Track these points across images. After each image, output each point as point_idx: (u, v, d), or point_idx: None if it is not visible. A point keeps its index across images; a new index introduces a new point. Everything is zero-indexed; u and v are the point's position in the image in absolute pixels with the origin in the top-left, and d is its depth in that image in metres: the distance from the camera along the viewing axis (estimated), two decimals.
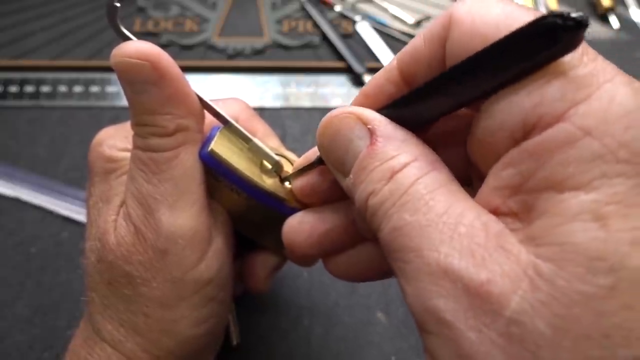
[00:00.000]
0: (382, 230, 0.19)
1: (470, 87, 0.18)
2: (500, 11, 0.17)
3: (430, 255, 0.17)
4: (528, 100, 0.16)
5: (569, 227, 0.15)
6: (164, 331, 0.25)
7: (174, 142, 0.24)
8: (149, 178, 0.24)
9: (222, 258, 0.27)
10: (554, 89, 0.16)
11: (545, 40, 0.15)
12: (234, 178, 0.26)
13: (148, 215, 0.25)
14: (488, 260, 0.16)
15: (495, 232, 0.16)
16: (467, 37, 0.18)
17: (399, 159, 0.19)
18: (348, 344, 0.38)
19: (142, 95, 0.24)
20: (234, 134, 0.26)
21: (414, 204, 0.18)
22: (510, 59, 0.16)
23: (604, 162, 0.15)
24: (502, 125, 0.17)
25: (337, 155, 0.21)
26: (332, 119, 0.21)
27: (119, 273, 0.25)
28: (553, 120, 0.16)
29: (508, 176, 0.17)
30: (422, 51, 0.20)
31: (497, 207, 0.17)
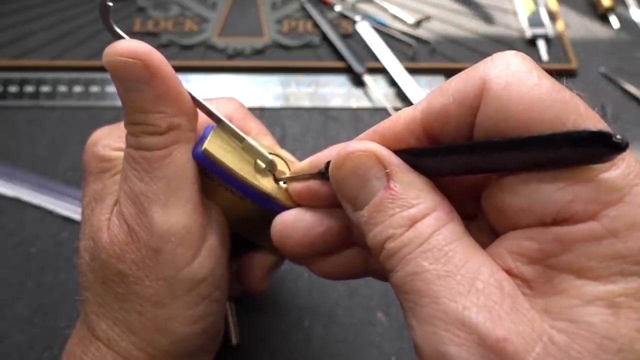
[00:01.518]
0: (396, 272, 0.20)
1: (496, 162, 0.19)
2: (536, 91, 0.18)
3: (448, 304, 0.18)
4: (561, 195, 0.18)
5: (585, 309, 0.17)
6: (158, 330, 0.25)
7: (167, 140, 0.24)
8: (142, 176, 0.24)
9: (216, 256, 0.27)
10: (587, 188, 0.17)
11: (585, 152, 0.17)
12: (227, 177, 0.26)
13: (141, 214, 0.25)
14: (504, 318, 0.17)
15: (508, 292, 0.18)
16: (500, 114, 0.18)
17: (419, 208, 0.20)
18: (348, 345, 0.38)
19: (134, 93, 0.24)
20: (227, 133, 0.26)
21: (434, 254, 0.19)
22: (546, 155, 0.18)
23: (624, 262, 0.17)
24: (530, 208, 0.18)
25: (351, 190, 0.22)
26: (350, 156, 0.21)
27: (112, 272, 0.25)
28: (586, 218, 0.17)
29: (528, 248, 0.19)
30: (451, 113, 0.20)
31: (510, 269, 0.19)
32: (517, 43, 0.55)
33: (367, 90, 0.52)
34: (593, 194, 0.17)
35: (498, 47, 0.55)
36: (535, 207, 0.18)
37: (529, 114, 0.18)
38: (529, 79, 0.18)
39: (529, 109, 0.18)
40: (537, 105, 0.18)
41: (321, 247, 0.26)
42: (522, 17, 0.57)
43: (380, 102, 0.51)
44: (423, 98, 0.21)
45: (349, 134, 0.49)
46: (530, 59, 0.19)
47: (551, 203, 0.18)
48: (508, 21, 0.58)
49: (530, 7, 0.57)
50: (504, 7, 0.59)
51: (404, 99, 0.51)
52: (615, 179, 0.17)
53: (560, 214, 0.18)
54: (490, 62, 0.19)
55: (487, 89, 0.19)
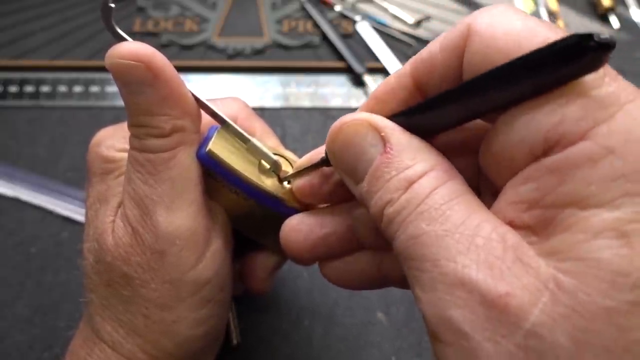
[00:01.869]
0: (397, 239, 0.19)
1: (488, 100, 0.18)
2: (522, 25, 0.17)
3: (447, 265, 0.17)
4: (550, 118, 0.16)
5: (592, 244, 0.15)
6: (163, 332, 0.25)
7: (171, 142, 0.24)
8: (146, 179, 0.24)
9: (220, 259, 0.27)
10: (576, 107, 0.16)
11: (570, 60, 0.15)
12: (232, 178, 0.26)
13: (145, 217, 0.24)
14: (506, 272, 0.16)
15: (512, 245, 0.17)
16: (487, 49, 0.18)
17: (416, 169, 0.19)
18: (348, 344, 0.38)
19: (137, 96, 0.24)
20: (231, 133, 0.26)
21: (431, 214, 0.18)
22: (533, 76, 0.16)
23: (627, 180, 0.15)
24: (521, 140, 0.17)
25: (348, 163, 0.21)
26: (343, 126, 0.21)
27: (118, 274, 0.25)
28: (575, 139, 0.16)
29: (526, 191, 0.17)
30: (437, 59, 0.20)
31: (511, 221, 0.18)
32: None
33: (367, 90, 0.52)
34: (582, 111, 0.16)
35: None
36: (525, 138, 0.17)
37: (515, 43, 0.17)
38: (514, 15, 0.18)
39: (515, 39, 0.17)
40: (523, 35, 0.17)
41: (325, 250, 0.26)
42: None
43: None
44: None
45: None
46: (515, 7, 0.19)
47: (540, 128, 0.17)
48: None
49: (530, 7, 0.58)
50: None
51: None
52: (606, 95, 0.16)
53: (548, 138, 0.16)
54: (476, 11, 0.19)
55: (472, 30, 0.18)
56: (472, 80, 0.18)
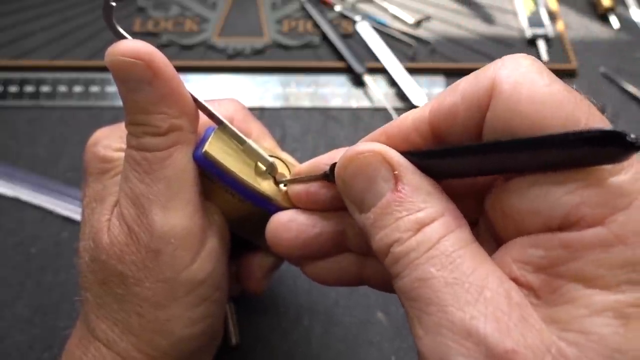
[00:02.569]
0: (402, 278, 0.19)
1: (508, 163, 0.19)
2: (547, 93, 0.18)
3: (455, 313, 0.17)
4: (570, 198, 0.17)
5: (594, 320, 0.17)
6: (158, 331, 0.25)
7: (167, 141, 0.24)
8: (142, 178, 0.24)
9: (216, 258, 0.27)
10: (596, 192, 0.17)
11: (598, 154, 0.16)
12: (227, 180, 0.26)
13: (141, 215, 0.25)
14: (512, 329, 0.17)
15: (517, 302, 0.17)
16: (510, 114, 0.18)
17: (427, 213, 0.19)
18: (348, 344, 0.38)
19: (135, 94, 0.24)
20: (228, 135, 0.26)
21: (441, 260, 0.18)
22: (557, 155, 0.17)
23: (633, 270, 0.17)
24: (536, 210, 0.18)
25: (357, 192, 0.21)
26: (357, 156, 0.21)
27: (112, 272, 0.25)
28: (593, 223, 0.17)
29: (534, 255, 0.18)
30: (459, 111, 0.20)
31: (516, 278, 0.18)
32: (517, 43, 0.55)
33: (367, 90, 0.52)
34: (601, 198, 0.17)
35: (498, 47, 0.55)
36: (541, 210, 0.18)
37: (540, 113, 0.17)
38: (540, 79, 0.18)
39: (540, 108, 0.17)
40: (548, 105, 0.17)
41: (313, 249, 0.26)
42: (522, 17, 0.57)
43: (380, 102, 0.51)
44: (432, 99, 0.21)
45: (349, 134, 0.49)
46: (539, 62, 0.19)
47: (558, 206, 0.17)
48: (508, 21, 0.58)
49: (530, 7, 0.57)
50: (504, 7, 0.59)
51: (404, 99, 0.51)
52: (624, 183, 0.17)
53: (567, 218, 0.17)
54: (500, 62, 0.19)
55: (497, 89, 0.18)
56: (496, 143, 0.18)
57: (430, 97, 0.51)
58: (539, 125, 0.17)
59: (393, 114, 0.50)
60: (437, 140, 0.21)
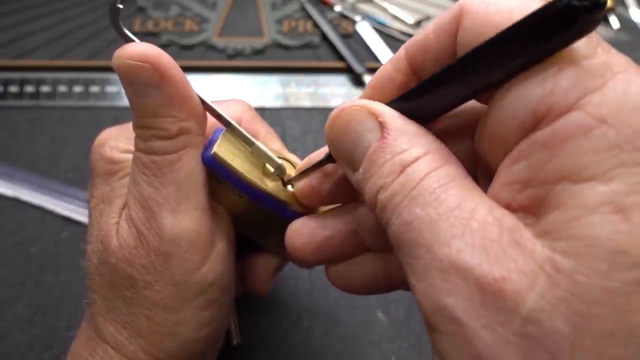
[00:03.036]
0: (391, 226, 0.18)
1: (482, 76, 0.17)
2: (516, 1, 0.17)
3: (440, 250, 0.16)
4: (539, 89, 0.16)
5: (588, 220, 0.14)
6: (166, 334, 0.25)
7: (176, 145, 0.24)
8: (151, 181, 0.24)
9: (224, 261, 0.27)
10: (566, 77, 0.15)
11: (561, 22, 0.15)
12: (236, 181, 0.26)
13: (150, 219, 0.24)
14: (502, 256, 0.15)
15: (508, 227, 0.16)
16: (480, 26, 0.17)
17: (411, 153, 0.18)
18: (348, 344, 0.38)
19: (143, 97, 0.23)
20: (236, 136, 0.26)
21: (425, 198, 0.17)
22: (524, 43, 0.16)
23: (621, 150, 0.14)
24: (512, 116, 0.16)
25: (346, 150, 0.21)
26: (341, 113, 0.21)
27: (122, 276, 0.25)
28: (565, 110, 0.15)
29: (518, 170, 0.17)
30: (431, 42, 0.20)
31: (508, 204, 0.17)
32: None
33: None
34: (571, 81, 0.15)
35: None
36: (516, 112, 0.16)
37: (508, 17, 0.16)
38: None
39: (509, 14, 0.17)
40: (517, 8, 0.17)
41: (328, 252, 0.25)
42: None
43: None
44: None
45: None
46: None
47: (529, 100, 0.16)
48: None
49: None
50: None
51: None
52: (597, 65, 0.15)
53: (537, 111, 0.16)
54: None
55: (465, 10, 0.18)
56: (464, 56, 0.17)
57: None
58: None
59: None
60: (417, 78, 0.21)
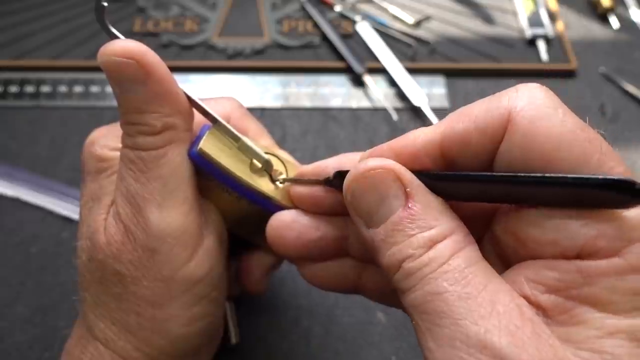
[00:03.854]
0: (414, 292, 0.19)
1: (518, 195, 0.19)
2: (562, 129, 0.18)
3: (470, 326, 0.18)
4: (586, 231, 0.18)
5: (607, 341, 0.17)
6: (156, 330, 0.26)
7: (162, 140, 0.24)
8: (138, 177, 0.24)
9: (213, 257, 0.27)
10: (612, 226, 0.18)
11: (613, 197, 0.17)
12: (223, 177, 0.26)
13: (137, 214, 0.25)
14: (527, 343, 0.17)
15: (529, 318, 0.18)
16: (525, 148, 0.19)
17: (439, 230, 0.20)
18: (347, 344, 0.38)
19: (129, 93, 0.24)
20: (223, 132, 0.26)
21: (454, 275, 0.19)
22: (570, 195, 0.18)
23: None
24: (554, 241, 0.19)
25: (367, 207, 0.21)
26: (369, 171, 0.21)
27: (110, 272, 0.25)
28: (609, 254, 0.18)
29: (548, 277, 0.19)
30: (473, 139, 0.20)
31: (527, 297, 0.19)
32: (517, 43, 0.55)
33: (367, 90, 0.52)
34: (617, 231, 0.18)
35: (498, 47, 0.55)
36: (559, 241, 0.18)
37: (554, 150, 0.18)
38: (555, 115, 0.19)
39: (555, 146, 0.18)
40: (563, 143, 0.18)
41: (313, 251, 0.26)
42: (522, 17, 0.57)
43: (380, 102, 0.51)
44: (442, 121, 0.21)
45: (349, 134, 0.49)
46: (552, 93, 0.19)
47: (575, 238, 0.18)
48: (508, 21, 0.58)
49: (530, 7, 0.57)
50: (504, 7, 0.59)
51: (404, 99, 0.51)
52: (635, 217, 0.18)
53: (584, 248, 0.18)
54: (514, 93, 0.19)
55: (512, 122, 0.19)
56: (510, 176, 0.19)
57: (430, 97, 0.51)
58: (551, 162, 0.18)
59: (393, 114, 0.50)
60: (447, 163, 0.21)
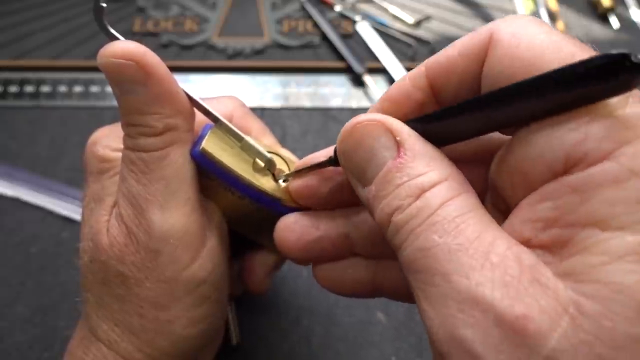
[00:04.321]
0: (405, 249, 0.18)
1: (511, 113, 0.17)
2: (547, 38, 0.17)
3: (460, 281, 0.16)
4: (572, 135, 0.16)
5: (614, 267, 0.15)
6: (159, 331, 0.25)
7: (163, 141, 0.24)
8: (139, 178, 0.24)
9: (216, 257, 0.27)
10: (600, 126, 0.16)
11: (603, 79, 0.15)
12: (226, 176, 0.26)
13: (139, 216, 0.24)
14: (523, 293, 0.15)
15: (528, 265, 0.16)
16: (509, 59, 0.17)
17: (429, 177, 0.18)
18: (348, 344, 0.38)
19: (129, 95, 0.24)
20: (225, 132, 0.26)
21: (444, 226, 0.17)
22: (560, 92, 0.16)
23: None
24: (541, 156, 0.17)
25: (358, 163, 0.20)
26: (357, 125, 0.20)
27: (112, 273, 0.25)
28: (599, 158, 0.16)
29: (544, 209, 0.17)
30: (456, 63, 0.19)
31: (527, 240, 0.17)
32: None
33: (367, 90, 0.52)
34: (606, 131, 0.16)
35: None
36: (545, 155, 0.17)
37: (539, 57, 0.17)
38: (539, 28, 0.17)
39: (539, 52, 0.17)
40: (547, 48, 0.17)
41: (317, 252, 0.26)
42: None
43: None
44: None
45: None
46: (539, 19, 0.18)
47: (560, 145, 0.16)
48: None
49: (530, 7, 0.58)
50: (504, 7, 0.59)
51: None
52: (631, 116, 0.16)
53: (570, 156, 0.16)
54: (499, 19, 0.19)
55: (495, 38, 0.18)
56: (497, 92, 0.17)
57: None
58: (538, 68, 0.17)
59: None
60: (436, 95, 0.21)
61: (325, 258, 0.26)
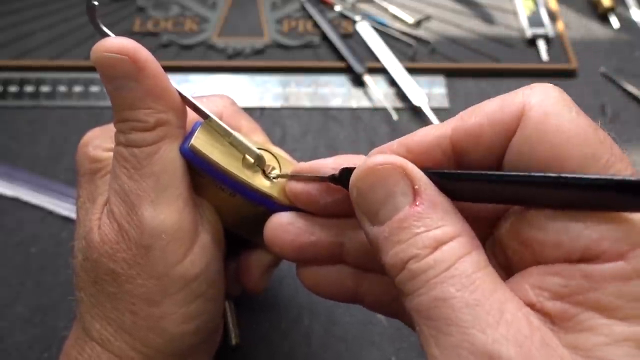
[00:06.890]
0: (419, 296, 0.19)
1: (527, 195, 0.19)
2: (574, 127, 0.18)
3: (476, 335, 0.17)
4: (591, 233, 0.18)
5: (614, 348, 0.17)
6: (152, 329, 0.25)
7: (155, 136, 0.24)
8: (131, 174, 0.24)
9: (209, 254, 0.27)
10: (617, 229, 0.18)
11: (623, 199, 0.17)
12: (215, 173, 0.26)
13: (130, 212, 0.25)
14: (535, 354, 0.17)
15: (537, 326, 0.18)
16: (536, 142, 0.19)
17: (445, 231, 0.19)
18: (348, 344, 0.38)
19: (122, 90, 0.24)
20: (215, 129, 0.26)
21: (461, 280, 0.18)
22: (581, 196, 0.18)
23: None
24: (557, 243, 0.18)
25: (372, 203, 0.21)
26: (376, 167, 0.21)
27: (104, 271, 0.25)
28: (614, 257, 0.17)
29: (554, 284, 0.18)
30: (485, 133, 0.20)
31: (532, 304, 0.19)
32: (517, 43, 0.55)
33: (367, 90, 0.52)
34: (622, 234, 0.17)
35: (498, 47, 0.55)
36: (563, 243, 0.18)
37: (565, 146, 0.18)
38: (569, 112, 0.19)
39: (567, 142, 0.18)
40: (574, 140, 0.18)
41: (309, 255, 0.26)
42: (522, 17, 0.57)
43: (380, 102, 0.51)
44: (453, 117, 0.21)
45: (349, 134, 0.49)
46: (566, 94, 0.19)
47: (580, 239, 0.18)
48: (508, 21, 0.58)
49: (530, 7, 0.57)
50: (504, 7, 0.59)
51: (404, 99, 0.51)
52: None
53: (588, 251, 0.18)
54: (529, 90, 0.19)
55: (526, 115, 0.19)
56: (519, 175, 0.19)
57: (430, 97, 0.51)
58: (562, 158, 0.18)
59: (393, 114, 0.50)
60: (458, 159, 0.21)
61: (315, 262, 0.26)
